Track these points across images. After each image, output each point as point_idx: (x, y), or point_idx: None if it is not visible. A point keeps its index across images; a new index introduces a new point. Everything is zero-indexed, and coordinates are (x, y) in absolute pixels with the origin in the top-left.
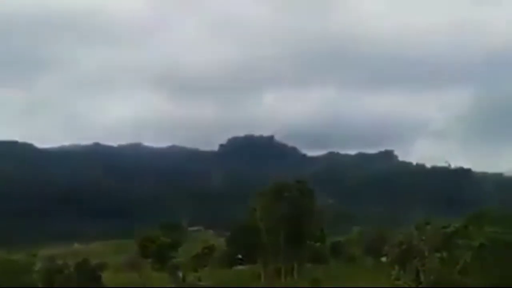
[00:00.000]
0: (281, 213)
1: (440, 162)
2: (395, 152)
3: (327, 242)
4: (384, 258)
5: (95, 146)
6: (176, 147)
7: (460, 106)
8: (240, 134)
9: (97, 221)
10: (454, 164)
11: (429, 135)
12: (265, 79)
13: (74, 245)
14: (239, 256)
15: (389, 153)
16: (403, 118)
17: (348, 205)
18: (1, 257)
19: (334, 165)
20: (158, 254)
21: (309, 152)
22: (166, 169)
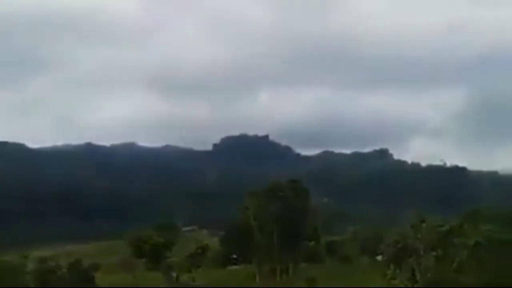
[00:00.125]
0: (276, 213)
1: (435, 161)
2: (390, 151)
3: (322, 242)
4: (379, 257)
5: (88, 146)
6: (170, 146)
7: (455, 105)
8: (234, 133)
9: (90, 221)
10: (449, 162)
11: (424, 133)
12: (259, 79)
13: (66, 245)
14: (234, 256)
15: (384, 152)
16: (398, 117)
17: (343, 204)
18: None
19: (329, 164)
20: (152, 254)
21: (303, 151)
22: (160, 168)
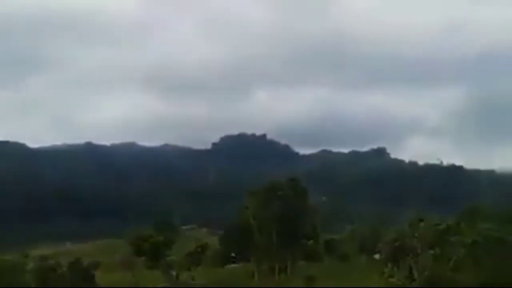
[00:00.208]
0: (274, 212)
1: (433, 160)
2: (387, 150)
3: (321, 240)
4: (377, 255)
5: (88, 145)
6: (169, 145)
7: (453, 104)
8: (233, 132)
9: (90, 220)
10: (447, 161)
11: (422, 132)
12: (258, 78)
13: (66, 244)
14: (233, 255)
15: (381, 151)
16: (396, 116)
17: (341, 203)
18: None
19: (327, 163)
20: (152, 252)
21: (302, 150)
22: (159, 167)
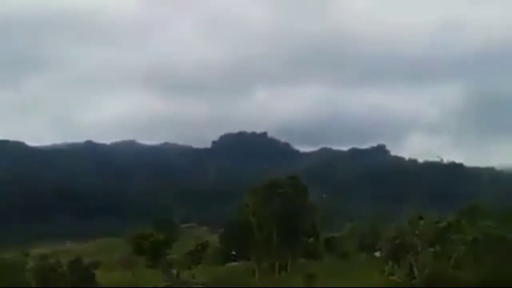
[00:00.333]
0: (274, 209)
1: (432, 157)
2: (387, 147)
3: (321, 238)
4: (377, 253)
5: (88, 144)
6: (169, 144)
7: (452, 101)
8: (232, 130)
9: (90, 219)
10: (446, 159)
11: (421, 130)
12: (257, 77)
13: (66, 243)
14: (233, 253)
15: (381, 148)
16: (396, 113)
17: (341, 201)
18: None
19: (327, 161)
20: (152, 251)
21: (302, 148)
22: (159, 166)
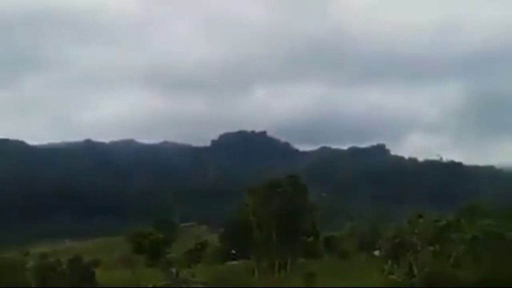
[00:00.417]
0: (274, 209)
1: (432, 156)
2: (387, 146)
3: (321, 237)
4: (377, 252)
5: (87, 143)
6: (168, 143)
7: (452, 101)
8: (232, 129)
9: (90, 218)
10: (446, 157)
11: (421, 129)
12: (256, 76)
13: (66, 242)
14: (233, 252)
15: (381, 148)
16: (395, 112)
17: (341, 200)
18: None
19: (327, 160)
20: (151, 250)
21: (301, 147)
22: (158, 165)
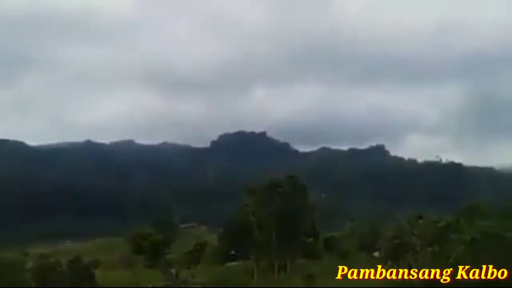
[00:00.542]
0: (274, 209)
1: (432, 157)
2: (386, 147)
3: (320, 238)
4: (376, 253)
5: (87, 144)
6: (168, 144)
7: (452, 102)
8: (231, 130)
9: (90, 218)
10: (446, 159)
11: (421, 130)
12: (256, 76)
13: (66, 243)
14: (232, 252)
15: (380, 148)
16: (395, 113)
17: (340, 201)
18: None
19: (326, 161)
20: (151, 251)
21: (301, 148)
22: (158, 165)
